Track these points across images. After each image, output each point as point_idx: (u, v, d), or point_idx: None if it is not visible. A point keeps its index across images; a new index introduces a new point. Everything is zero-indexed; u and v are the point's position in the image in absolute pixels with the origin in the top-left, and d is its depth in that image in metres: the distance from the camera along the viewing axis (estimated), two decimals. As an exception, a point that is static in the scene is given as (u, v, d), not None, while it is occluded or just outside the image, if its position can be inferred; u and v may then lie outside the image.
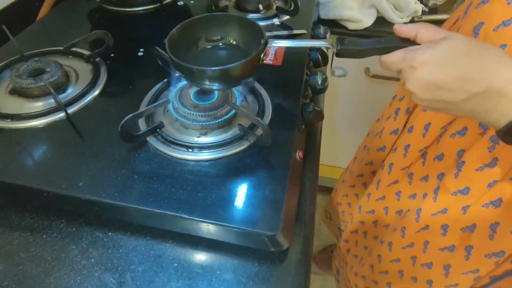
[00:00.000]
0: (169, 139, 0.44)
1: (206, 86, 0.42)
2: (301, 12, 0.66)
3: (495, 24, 0.39)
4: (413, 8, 0.86)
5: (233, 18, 0.47)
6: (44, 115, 0.47)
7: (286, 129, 0.46)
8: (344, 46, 0.38)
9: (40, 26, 0.67)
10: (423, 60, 0.33)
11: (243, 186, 0.40)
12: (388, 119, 0.64)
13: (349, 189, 0.82)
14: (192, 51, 0.45)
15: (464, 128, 0.46)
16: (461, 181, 0.47)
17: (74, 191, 0.39)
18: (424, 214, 0.52)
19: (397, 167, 0.58)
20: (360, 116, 1.10)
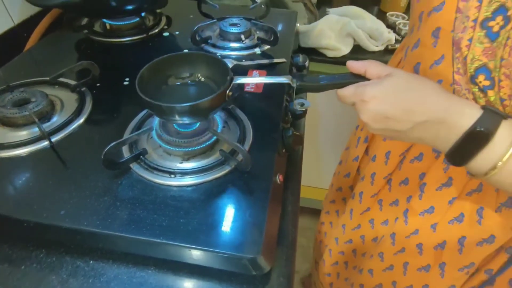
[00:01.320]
0: (152, 166, 0.45)
1: (176, 121, 0.44)
2: (281, 41, 0.70)
3: (429, 63, 0.44)
4: (387, 37, 0.92)
5: (201, 56, 0.50)
6: (27, 144, 0.48)
7: (266, 153, 0.48)
8: (303, 82, 0.43)
9: (27, 56, 0.68)
10: (372, 95, 0.37)
11: (224, 210, 0.41)
12: (353, 148, 0.68)
13: (325, 216, 0.85)
14: (163, 89, 0.48)
15: (421, 154, 0.50)
16: (425, 201, 0.50)
17: (55, 220, 0.39)
18: (398, 238, 0.55)
19: (367, 195, 0.61)
20: (341, 137, 1.13)
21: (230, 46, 0.71)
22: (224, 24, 0.72)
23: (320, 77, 0.43)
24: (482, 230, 0.46)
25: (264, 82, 0.52)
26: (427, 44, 0.44)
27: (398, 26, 1.00)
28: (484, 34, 0.37)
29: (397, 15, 1.08)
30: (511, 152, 0.33)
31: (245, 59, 0.68)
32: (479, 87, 0.39)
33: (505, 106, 0.38)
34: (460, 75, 0.41)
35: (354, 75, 0.41)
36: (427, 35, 0.43)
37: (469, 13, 0.37)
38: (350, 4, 1.10)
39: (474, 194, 0.46)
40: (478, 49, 0.38)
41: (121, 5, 0.67)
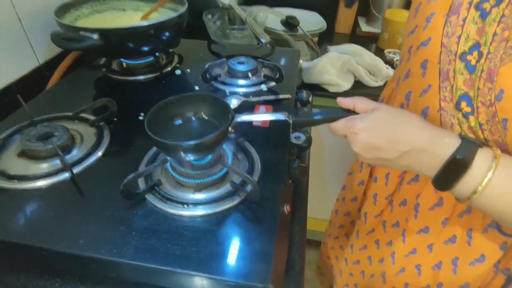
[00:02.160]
0: (166, 196, 0.47)
1: (182, 157, 0.47)
2: (286, 78, 0.75)
3: (419, 92, 0.49)
4: (385, 73, 0.97)
5: (204, 97, 0.54)
6: (49, 176, 0.51)
7: (274, 184, 0.50)
8: (298, 118, 0.47)
9: (49, 93, 0.73)
10: (361, 127, 0.41)
11: (234, 240, 0.43)
12: (356, 173, 0.71)
13: (334, 242, 0.85)
14: (169, 127, 0.51)
15: (416, 176, 0.53)
16: (420, 221, 0.53)
17: (74, 248, 0.41)
18: (397, 257, 0.57)
19: (371, 215, 0.63)
20: (345, 166, 1.15)
21: (238, 83, 0.76)
22: (232, 62, 0.78)
23: (314, 112, 0.47)
24: (473, 250, 0.48)
25: (263, 120, 0.55)
26: (416, 75, 0.49)
27: (396, 63, 1.06)
28: (464, 67, 0.42)
29: (394, 52, 1.14)
30: (488, 177, 0.36)
31: (253, 95, 0.72)
32: (462, 113, 0.43)
33: (484, 130, 0.42)
34: (446, 102, 0.45)
35: (344, 110, 0.45)
36: (416, 66, 0.48)
37: (451, 48, 0.42)
38: (349, 42, 1.18)
39: (465, 215, 0.49)
40: (460, 79, 0.42)
41: (138, 46, 0.73)
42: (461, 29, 0.41)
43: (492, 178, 0.36)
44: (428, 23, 0.45)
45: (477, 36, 0.40)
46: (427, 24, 0.45)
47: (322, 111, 0.46)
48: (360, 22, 1.38)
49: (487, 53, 0.39)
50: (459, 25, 0.41)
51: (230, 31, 1.07)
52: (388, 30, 1.17)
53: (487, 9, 0.39)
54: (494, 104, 0.39)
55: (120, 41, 0.69)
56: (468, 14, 0.41)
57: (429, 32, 0.45)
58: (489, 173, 0.36)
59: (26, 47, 0.73)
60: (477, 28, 0.40)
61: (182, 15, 0.75)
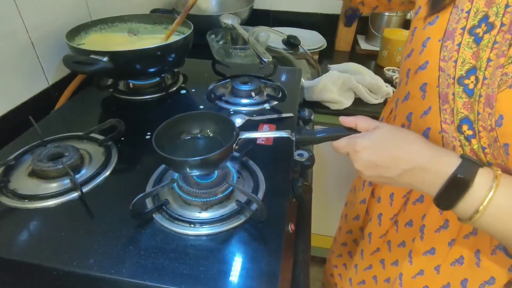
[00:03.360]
0: (173, 215, 0.48)
1: (188, 173, 0.48)
2: (288, 97, 0.77)
3: (419, 113, 0.50)
4: (385, 90, 0.99)
5: (209, 115, 0.56)
6: (58, 195, 0.52)
7: (278, 203, 0.51)
8: (301, 136, 0.48)
9: (58, 114, 0.75)
10: (362, 145, 0.42)
11: (241, 259, 0.43)
12: (358, 191, 0.71)
13: (337, 259, 0.85)
14: (175, 144, 0.53)
15: (421, 196, 0.54)
16: (426, 243, 0.53)
17: (85, 268, 0.42)
18: (405, 279, 0.57)
19: (376, 236, 0.63)
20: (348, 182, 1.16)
21: (241, 102, 0.78)
22: (236, 82, 0.80)
23: (316, 131, 0.48)
24: (482, 272, 0.48)
25: (267, 137, 0.57)
26: (416, 97, 0.50)
27: (395, 80, 1.08)
28: (462, 90, 0.43)
29: (393, 69, 1.17)
30: (490, 196, 0.36)
31: (256, 114, 0.74)
32: (464, 136, 0.44)
33: (486, 154, 0.43)
34: (447, 124, 0.46)
35: (346, 128, 0.46)
36: (415, 89, 0.49)
37: (449, 72, 0.44)
38: (349, 60, 1.21)
39: (471, 237, 0.48)
40: (459, 102, 0.43)
41: (146, 68, 0.75)
42: (457, 54, 0.43)
43: (493, 198, 0.36)
44: (424, 47, 0.47)
45: (473, 60, 0.41)
46: (423, 49, 0.47)
47: (324, 130, 0.47)
48: (359, 40, 1.42)
49: (483, 78, 0.41)
50: (455, 50, 0.43)
51: (233, 51, 1.10)
52: (387, 48, 1.20)
53: (479, 34, 0.41)
54: (495, 129, 0.39)
55: (129, 63, 0.71)
56: (463, 39, 0.42)
57: (426, 56, 0.47)
58: (490, 192, 0.36)
59: (38, 69, 0.76)
60: (472, 52, 0.41)
61: (188, 37, 0.78)
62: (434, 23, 0.46)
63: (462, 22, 0.43)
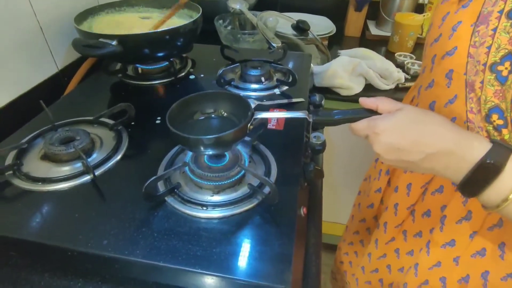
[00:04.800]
0: (185, 198, 0.48)
1: (202, 152, 0.47)
2: (298, 82, 0.76)
3: (444, 102, 0.48)
4: (396, 76, 0.97)
5: (224, 95, 0.55)
6: (71, 178, 0.52)
7: (290, 187, 0.51)
8: (318, 117, 0.46)
9: (68, 99, 0.75)
10: (383, 127, 0.39)
11: (253, 242, 0.43)
12: (374, 180, 0.70)
13: (348, 247, 0.85)
14: (189, 123, 0.53)
15: (441, 186, 0.52)
16: (446, 234, 0.51)
17: (99, 249, 0.42)
18: (421, 269, 0.55)
19: (391, 225, 0.62)
20: (357, 172, 1.15)
21: (251, 87, 0.77)
22: (246, 67, 0.79)
23: (335, 112, 0.46)
24: (506, 265, 0.46)
25: (283, 117, 0.56)
26: (441, 84, 0.47)
27: (407, 66, 1.06)
28: (494, 78, 0.40)
29: (404, 55, 1.15)
30: None
31: (266, 99, 0.73)
32: (493, 125, 0.42)
33: None
34: (473, 113, 0.43)
35: (366, 110, 0.44)
36: (440, 76, 0.47)
37: (479, 58, 0.41)
38: (359, 45, 1.18)
39: (495, 229, 0.47)
40: (489, 90, 0.41)
41: (154, 52, 0.74)
42: (491, 39, 0.40)
43: None
44: (454, 32, 0.44)
45: (510, 46, 0.39)
46: (452, 33, 0.44)
47: (343, 111, 0.45)
48: (370, 25, 1.39)
49: None
50: (489, 35, 0.40)
51: (241, 36, 1.08)
52: (399, 33, 1.17)
53: None
54: None
55: (137, 47, 0.70)
56: (499, 24, 0.39)
57: (454, 41, 0.44)
58: None
59: (46, 54, 0.76)
60: (509, 37, 0.39)
61: (197, 21, 0.76)
62: (468, 5, 0.43)
63: (500, 5, 0.40)
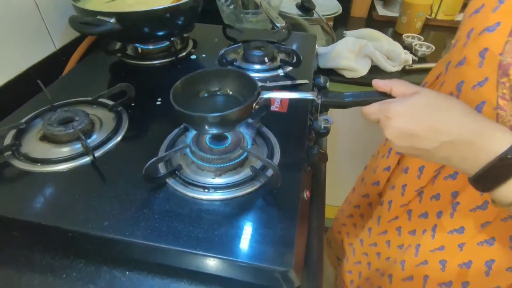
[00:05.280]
0: (186, 180, 0.48)
1: (206, 130, 0.46)
2: (303, 63, 0.73)
3: (472, 83, 0.44)
4: (404, 58, 0.94)
5: (230, 72, 0.53)
6: (70, 159, 0.51)
7: (293, 170, 0.50)
8: (327, 99, 0.44)
9: (66, 79, 0.73)
10: (396, 111, 0.37)
11: (256, 224, 0.43)
12: (382, 157, 0.68)
13: (347, 219, 0.84)
14: (194, 101, 0.51)
15: (455, 173, 0.49)
16: (456, 221, 0.50)
17: (100, 230, 0.42)
18: (422, 250, 0.55)
19: (396, 204, 0.61)
20: (360, 154, 1.14)
21: (254, 68, 0.75)
22: (249, 47, 0.77)
23: (345, 94, 0.43)
24: None
25: (290, 98, 0.54)
26: (472, 63, 0.43)
27: (415, 47, 1.03)
28: None
29: (412, 36, 1.11)
30: None
31: (269, 80, 0.71)
32: None
33: None
34: (505, 100, 0.40)
35: (379, 93, 0.41)
36: (474, 54, 0.43)
37: None
38: (365, 26, 1.14)
39: (510, 220, 0.45)
40: None
41: (154, 31, 0.72)
42: None
43: None
44: (501, 4, 0.40)
45: None
46: (499, 6, 0.40)
47: (354, 94, 0.43)
48: (377, 5, 1.34)
49: None
50: None
51: (244, 15, 1.05)
52: (407, 13, 1.13)
53: None
54: None
55: (136, 25, 0.68)
56: None
57: (499, 15, 0.39)
58: None
59: (43, 32, 0.73)
60: None
61: (198, -2, 0.74)
62: None
63: None
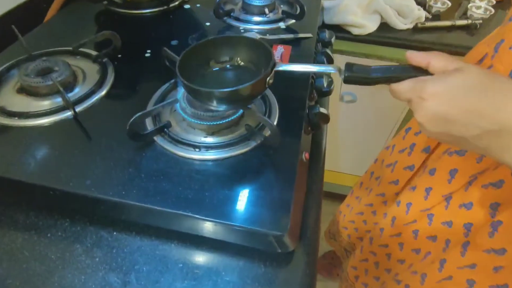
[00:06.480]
0: (176, 139, 0.44)
1: (214, 107, 0.42)
2: (307, 16, 0.67)
3: None
4: (417, 14, 0.87)
5: (242, 39, 0.47)
6: (51, 113, 0.47)
7: (292, 130, 0.47)
8: (352, 73, 0.38)
9: (47, 27, 0.67)
10: (433, 92, 0.31)
11: (250, 186, 0.40)
12: (401, 152, 0.60)
13: (356, 216, 0.78)
14: (201, 73, 0.46)
15: (500, 181, 0.42)
16: (497, 241, 0.42)
17: (81, 189, 0.39)
18: (448, 266, 0.48)
19: (416, 208, 0.54)
20: (363, 121, 1.10)
21: (253, 20, 0.69)
22: (248, -4, 0.69)
23: (373, 69, 0.37)
24: None
25: (309, 71, 0.49)
26: None
27: (429, 3, 0.95)
28: None
29: (427, -9, 1.02)
30: None
31: (269, 33, 0.65)
32: None
33: None
34: None
35: (413, 68, 0.35)
36: None
37: None
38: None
39: None
40: None
41: (142, -26, 0.65)
42: None
43: None
44: None
45: None
46: None
47: (383, 68, 0.37)
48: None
49: None
50: None
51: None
52: (423, -35, 1.03)
53: None
54: None
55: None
56: None
57: None
58: None
59: (18, -29, 0.66)
60: None
61: None
62: None
63: None
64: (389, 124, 1.10)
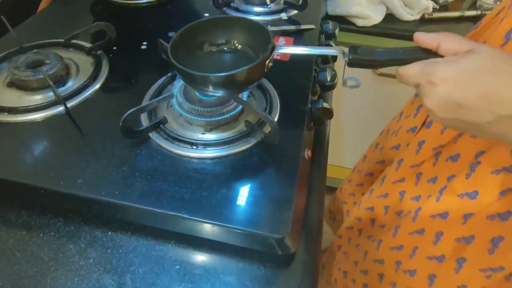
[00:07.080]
0: (172, 135, 0.42)
1: (209, 92, 0.40)
2: (309, 6, 0.65)
3: None
4: (424, 4, 0.84)
5: (239, 20, 0.45)
6: (42, 108, 0.45)
7: (294, 126, 0.45)
8: (357, 56, 0.36)
9: (40, 18, 0.65)
10: (444, 76, 0.29)
11: (249, 185, 0.38)
12: (408, 117, 0.60)
13: (356, 188, 0.78)
14: (196, 56, 0.43)
15: None
16: (472, 182, 0.43)
17: (72, 188, 0.37)
18: (422, 215, 0.49)
19: (407, 164, 0.54)
20: (367, 115, 1.08)
21: (253, 10, 0.66)
22: (248, -15, 0.67)
23: (379, 51, 0.36)
24: None
25: (311, 53, 0.46)
26: None
27: (436, -7, 0.91)
28: None
29: (435, -20, 0.98)
30: None
31: (270, 24, 0.63)
32: None
33: None
34: None
35: (422, 50, 0.33)
36: None
37: None
38: (382, -32, 1.01)
39: None
40: None
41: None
42: None
43: None
44: None
45: None
46: None
47: (389, 50, 0.35)
48: None
49: None
50: None
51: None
52: (430, -47, 0.99)
53: None
54: None
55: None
56: None
57: None
58: None
59: (8, -41, 0.63)
60: None
61: None
62: None
63: None
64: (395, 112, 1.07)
